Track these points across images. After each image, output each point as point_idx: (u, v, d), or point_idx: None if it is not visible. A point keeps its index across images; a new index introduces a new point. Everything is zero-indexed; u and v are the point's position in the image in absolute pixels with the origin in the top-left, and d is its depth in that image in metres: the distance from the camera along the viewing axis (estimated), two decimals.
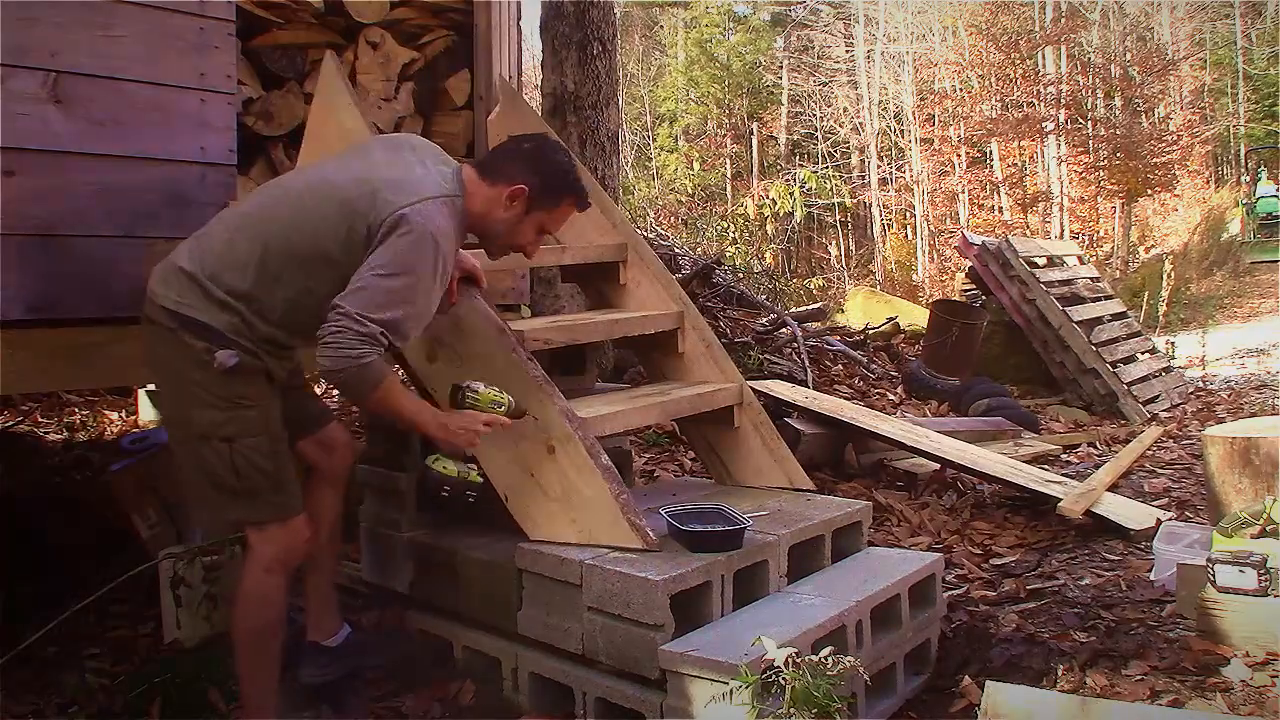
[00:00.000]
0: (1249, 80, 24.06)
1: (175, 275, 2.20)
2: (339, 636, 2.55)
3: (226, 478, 2.20)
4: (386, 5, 3.54)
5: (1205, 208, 18.94)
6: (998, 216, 20.02)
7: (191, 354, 2.16)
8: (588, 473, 2.42)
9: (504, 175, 2.32)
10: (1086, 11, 20.52)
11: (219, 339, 2.15)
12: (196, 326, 2.16)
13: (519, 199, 2.31)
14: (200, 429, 2.19)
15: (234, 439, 2.18)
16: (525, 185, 2.30)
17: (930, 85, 22.12)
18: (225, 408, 2.18)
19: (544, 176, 2.34)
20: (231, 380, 2.17)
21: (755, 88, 24.72)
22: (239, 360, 2.15)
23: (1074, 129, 19.53)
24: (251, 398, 2.20)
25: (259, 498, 2.23)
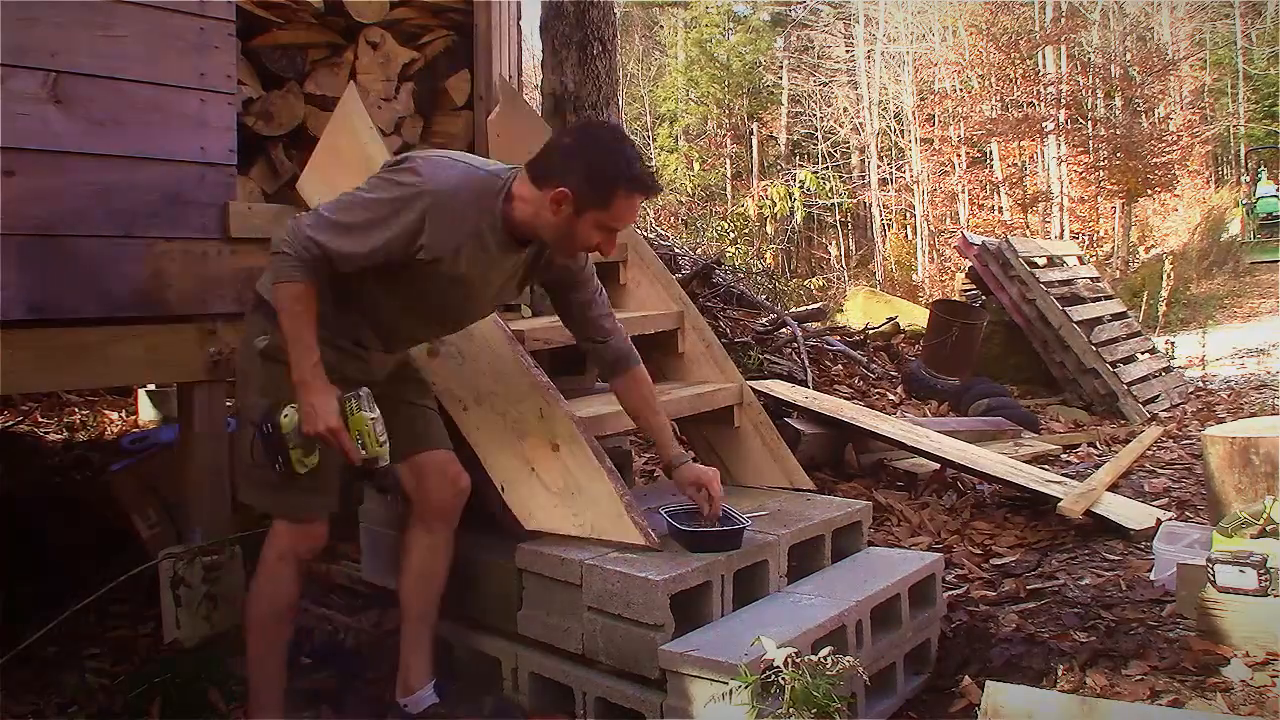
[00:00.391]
0: (1249, 80, 24.08)
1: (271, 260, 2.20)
2: (419, 698, 2.37)
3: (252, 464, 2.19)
4: (386, 5, 3.54)
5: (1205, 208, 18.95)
6: (998, 216, 20.03)
7: (251, 333, 2.20)
8: (593, 472, 2.43)
9: (547, 176, 2.09)
10: (1086, 11, 20.53)
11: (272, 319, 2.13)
12: (263, 305, 2.18)
13: (564, 202, 2.08)
14: (244, 410, 2.22)
15: None
16: (566, 188, 2.06)
17: (930, 85, 22.12)
18: (264, 393, 2.16)
19: (587, 173, 2.07)
20: (274, 366, 2.14)
21: (755, 88, 24.73)
22: (268, 344, 2.15)
23: (1074, 129, 19.54)
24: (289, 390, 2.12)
25: (283, 492, 2.20)
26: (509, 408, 2.56)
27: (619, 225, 2.16)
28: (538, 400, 2.52)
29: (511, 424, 2.55)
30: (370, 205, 2.08)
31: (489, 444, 2.58)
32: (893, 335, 8.16)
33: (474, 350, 2.62)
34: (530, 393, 2.53)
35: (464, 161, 2.19)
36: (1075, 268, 8.11)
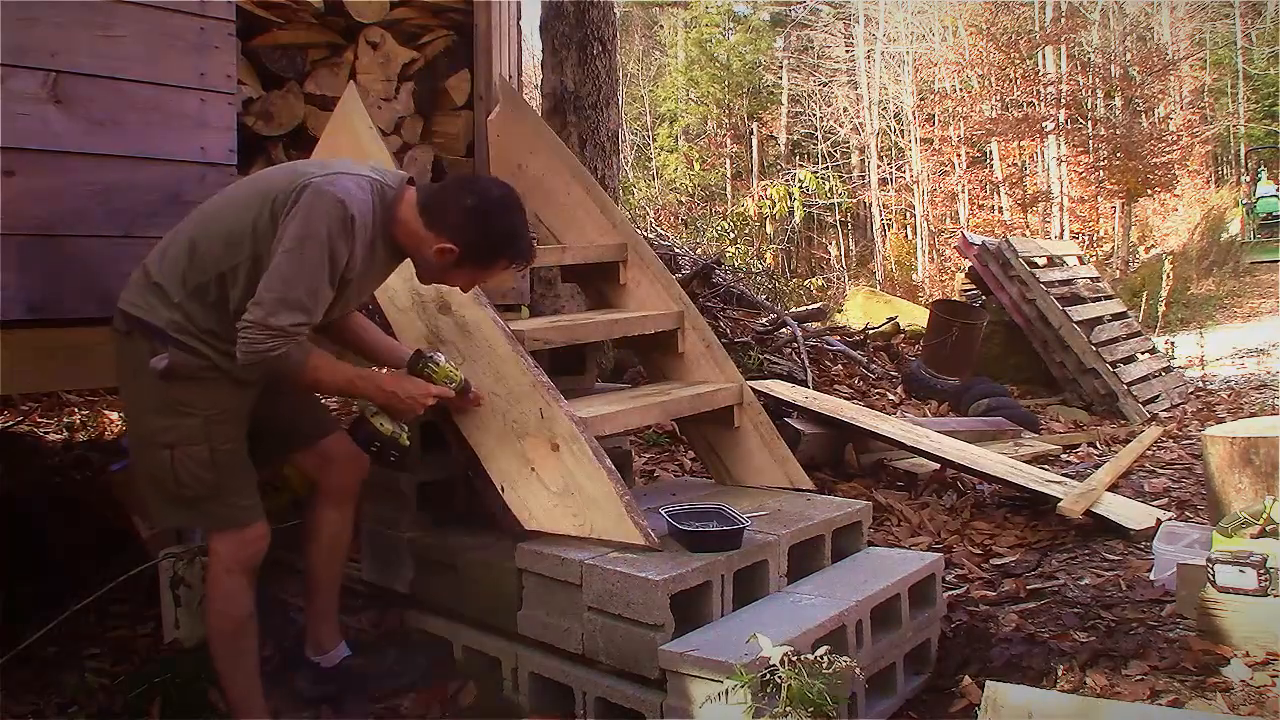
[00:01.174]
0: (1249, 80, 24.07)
1: (135, 278, 2.22)
2: (335, 655, 2.54)
3: (168, 485, 2.19)
4: (386, 5, 3.54)
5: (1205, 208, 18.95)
6: (998, 216, 20.02)
7: (139, 356, 2.16)
8: (593, 472, 2.43)
9: (439, 224, 2.23)
10: (1086, 11, 20.52)
11: (162, 339, 2.14)
12: (143, 327, 2.16)
13: (448, 255, 2.24)
14: (146, 435, 2.20)
15: (174, 446, 2.16)
16: (455, 247, 2.22)
17: (930, 85, 22.11)
18: (166, 414, 2.16)
19: (477, 241, 2.24)
20: (171, 385, 2.15)
21: (755, 88, 24.73)
22: (169, 363, 2.13)
23: (1074, 129, 19.52)
24: (194, 404, 2.17)
25: (200, 506, 2.21)
26: (509, 407, 2.56)
27: (486, 282, 2.42)
28: (538, 400, 2.52)
29: (511, 424, 2.55)
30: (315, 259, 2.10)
31: (489, 444, 2.58)
32: (893, 335, 8.17)
33: (474, 351, 2.62)
34: (530, 392, 2.53)
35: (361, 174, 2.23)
36: (1075, 268, 8.11)
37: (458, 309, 2.68)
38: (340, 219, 2.11)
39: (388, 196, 2.24)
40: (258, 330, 2.07)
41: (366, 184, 2.20)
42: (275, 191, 2.15)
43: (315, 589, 2.54)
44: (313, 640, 2.55)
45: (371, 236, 2.21)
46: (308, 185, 2.13)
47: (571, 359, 3.20)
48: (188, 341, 2.15)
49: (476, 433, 2.60)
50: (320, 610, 2.55)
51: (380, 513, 2.86)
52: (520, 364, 2.56)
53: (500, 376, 2.58)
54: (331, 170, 2.21)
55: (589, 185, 3.32)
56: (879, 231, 21.77)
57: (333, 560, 2.53)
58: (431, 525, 2.81)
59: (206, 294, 2.15)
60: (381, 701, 2.51)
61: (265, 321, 2.07)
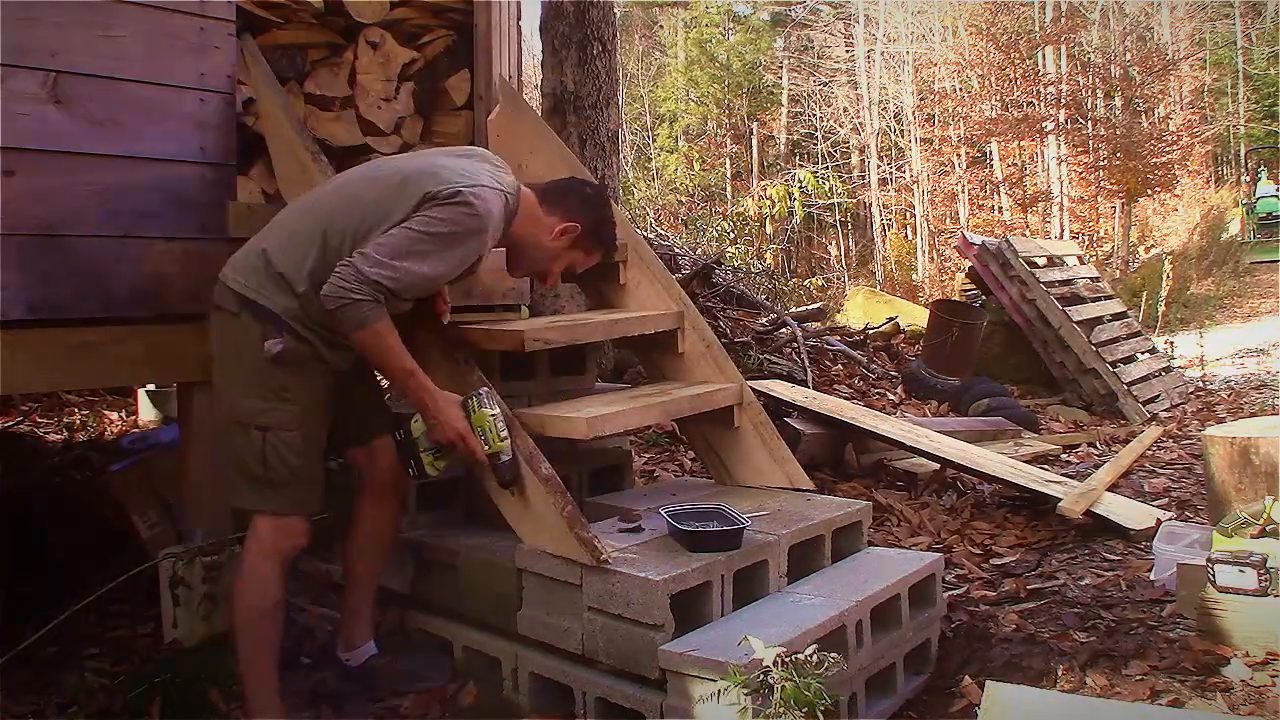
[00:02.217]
0: (1249, 80, 24.08)
1: (245, 257, 2.27)
2: (362, 653, 2.55)
3: (253, 466, 2.23)
4: (386, 5, 3.54)
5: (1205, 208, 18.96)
6: (998, 216, 20.02)
7: (248, 338, 2.21)
8: (532, 484, 2.38)
9: (562, 208, 2.47)
10: (1086, 11, 20.53)
11: (276, 324, 2.20)
12: (258, 310, 2.21)
13: (569, 235, 2.47)
14: (241, 414, 2.24)
15: (269, 429, 2.22)
16: (579, 225, 2.47)
17: (930, 85, 22.11)
18: (267, 397, 2.22)
19: (597, 225, 2.52)
20: (277, 370, 2.21)
21: (755, 88, 24.73)
22: (283, 348, 2.19)
23: (1074, 129, 19.52)
24: (295, 391, 2.23)
25: (277, 490, 2.25)
26: None
27: (579, 270, 2.64)
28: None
29: None
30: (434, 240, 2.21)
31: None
32: (893, 335, 8.17)
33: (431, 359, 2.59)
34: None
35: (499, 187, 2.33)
36: (1075, 268, 8.11)
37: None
38: (478, 232, 2.26)
39: (510, 206, 2.38)
40: (351, 273, 2.13)
41: (502, 200, 2.33)
42: (420, 189, 2.23)
43: (353, 583, 2.56)
44: (344, 636, 2.57)
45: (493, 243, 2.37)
46: (459, 192, 2.22)
47: (571, 359, 3.20)
48: (301, 331, 2.22)
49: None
50: (354, 606, 2.57)
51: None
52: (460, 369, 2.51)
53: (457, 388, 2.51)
54: (478, 181, 2.28)
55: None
56: (879, 231, 21.77)
57: (370, 556, 2.56)
58: (431, 525, 2.81)
59: None
60: (382, 701, 2.51)
61: (363, 268, 2.13)
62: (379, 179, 2.33)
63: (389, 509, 2.55)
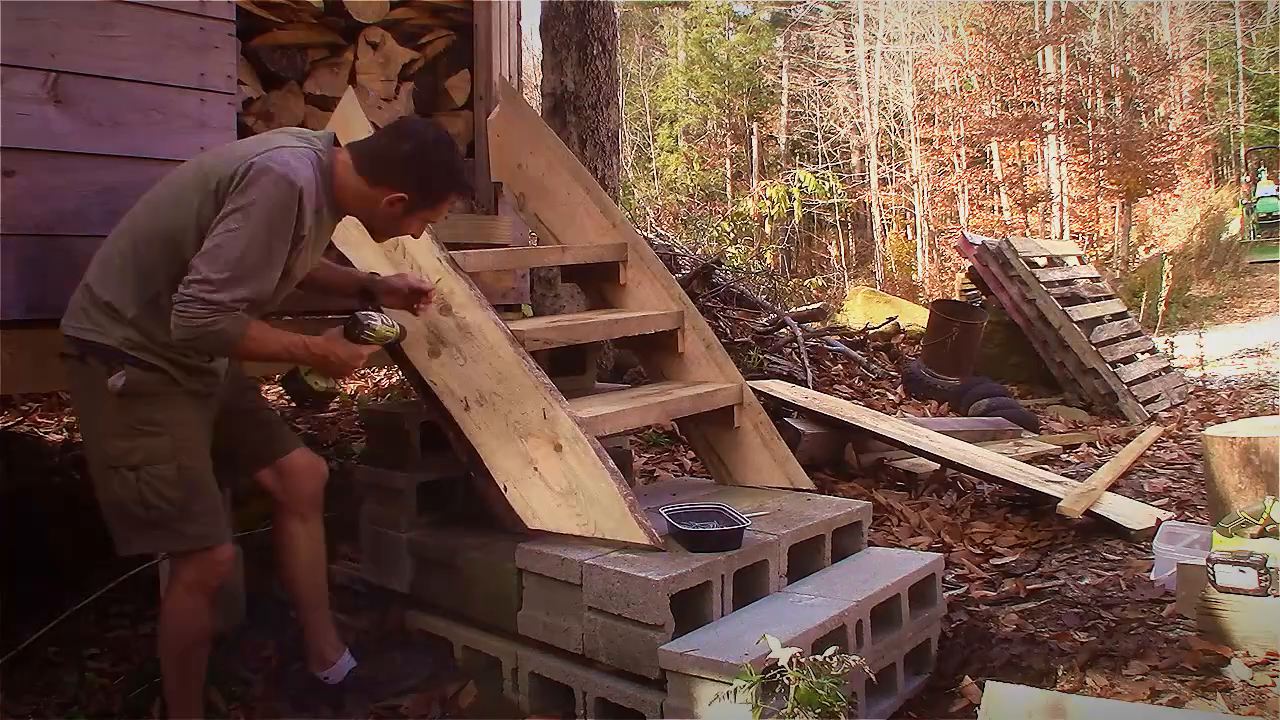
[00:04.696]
0: (1249, 80, 24.07)
1: (78, 299, 2.16)
2: (341, 668, 2.52)
3: (133, 508, 2.14)
4: (386, 5, 3.54)
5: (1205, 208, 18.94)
6: (998, 216, 20.01)
7: (97, 381, 2.10)
8: (596, 473, 2.44)
9: (383, 177, 2.25)
10: (1086, 11, 20.52)
11: (119, 358, 2.09)
12: (98, 350, 2.10)
13: (401, 205, 2.27)
14: (109, 459, 2.14)
15: (139, 467, 2.12)
16: (405, 195, 2.25)
17: (930, 85, 22.11)
18: (129, 435, 2.12)
19: (424, 182, 2.28)
20: (133, 405, 2.11)
21: (755, 88, 24.73)
22: (126, 380, 2.09)
23: (1074, 129, 19.51)
24: (158, 423, 2.13)
25: (165, 528, 2.16)
26: (511, 408, 2.56)
27: (437, 220, 2.43)
28: (540, 401, 2.52)
29: (514, 424, 2.55)
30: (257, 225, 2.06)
31: (491, 443, 2.58)
32: (893, 335, 8.16)
33: (475, 351, 2.63)
34: (533, 393, 2.54)
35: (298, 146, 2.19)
36: (1075, 268, 8.10)
37: (458, 310, 2.69)
38: (288, 195, 2.08)
39: (324, 162, 2.22)
40: (197, 305, 2.01)
41: (306, 155, 2.17)
42: (215, 176, 2.10)
43: (304, 605, 2.50)
44: (315, 656, 2.52)
45: (318, 204, 2.19)
46: (252, 164, 2.08)
47: (571, 359, 3.20)
48: (145, 358, 2.11)
49: (478, 432, 2.61)
50: (315, 625, 2.51)
51: (380, 513, 2.86)
52: (523, 365, 2.57)
53: (502, 378, 2.59)
54: (270, 145, 2.16)
55: (589, 185, 3.32)
56: (879, 231, 21.77)
57: (314, 573, 2.50)
58: (431, 525, 2.81)
59: (159, 304, 2.09)
60: (382, 701, 2.51)
61: (205, 296, 2.01)
62: (176, 176, 2.21)
63: (314, 524, 2.48)
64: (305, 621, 2.52)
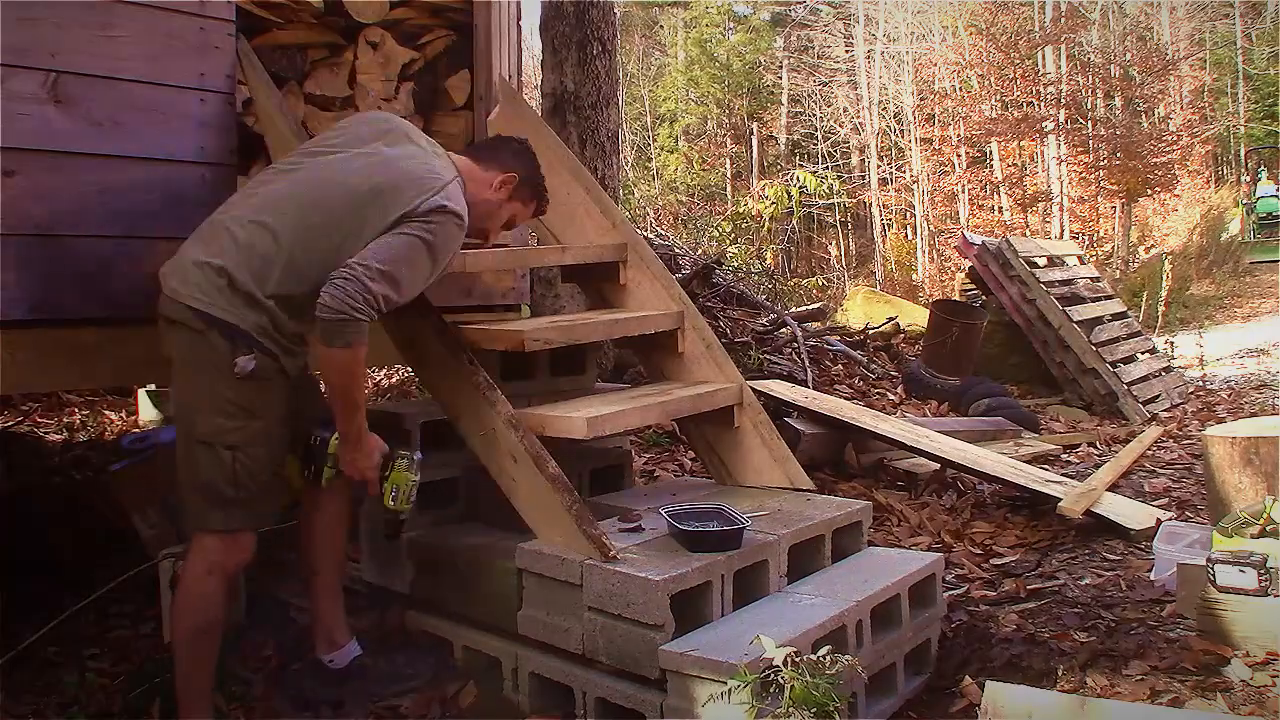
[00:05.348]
0: (1249, 80, 24.07)
1: (198, 271, 2.18)
2: (347, 653, 2.52)
3: (223, 487, 2.18)
4: (386, 5, 3.54)
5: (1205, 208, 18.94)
6: (998, 216, 20.02)
7: (215, 357, 2.15)
8: (541, 484, 2.41)
9: (497, 162, 2.53)
10: (1086, 11, 20.52)
11: (245, 341, 2.15)
12: (224, 327, 2.15)
13: (509, 185, 2.53)
14: (205, 434, 2.18)
15: (238, 447, 2.17)
16: (516, 174, 2.53)
17: (930, 85, 22.11)
18: (235, 415, 2.17)
19: (531, 173, 2.59)
20: (247, 387, 2.16)
21: (755, 88, 24.74)
22: (256, 365, 2.15)
23: (1074, 129, 19.52)
24: (263, 407, 2.20)
25: (246, 508, 2.22)
26: (477, 419, 2.54)
27: (517, 224, 2.74)
28: (483, 410, 2.49)
29: (483, 437, 2.54)
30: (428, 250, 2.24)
31: (484, 459, 2.58)
32: (893, 335, 8.16)
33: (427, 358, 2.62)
34: (479, 402, 2.50)
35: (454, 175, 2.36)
36: (1075, 268, 8.10)
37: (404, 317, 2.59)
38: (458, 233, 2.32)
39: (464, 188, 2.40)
40: (356, 286, 2.10)
41: (460, 187, 2.37)
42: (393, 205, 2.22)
43: (323, 583, 2.53)
44: (324, 637, 2.53)
45: None
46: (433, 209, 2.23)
47: (571, 359, 3.20)
48: (269, 346, 2.18)
49: (469, 439, 2.61)
50: (327, 607, 2.54)
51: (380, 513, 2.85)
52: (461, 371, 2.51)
53: (460, 389, 2.55)
54: (444, 181, 2.30)
55: (589, 185, 3.31)
56: (879, 231, 21.77)
57: (336, 552, 2.55)
58: (431, 525, 2.81)
59: (298, 300, 2.17)
60: (381, 701, 2.51)
61: (367, 280, 2.11)
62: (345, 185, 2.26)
63: (343, 506, 2.53)
64: (318, 600, 2.54)
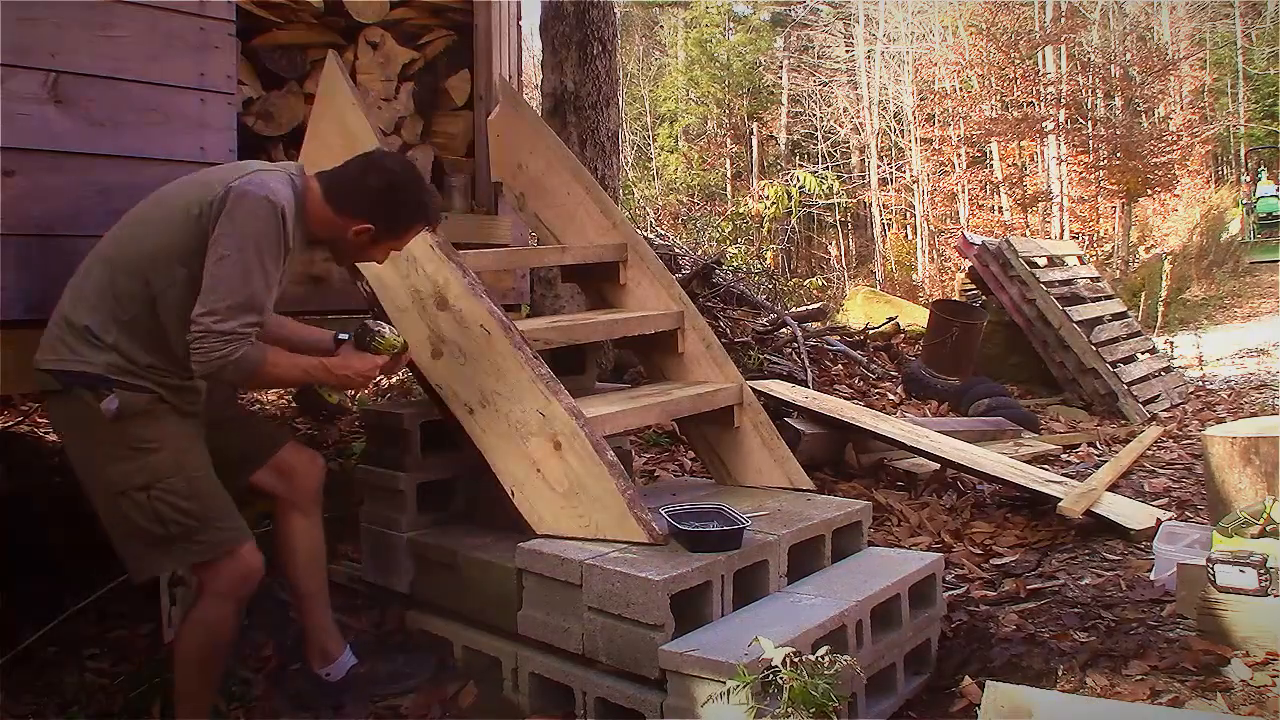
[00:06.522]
0: (1249, 80, 24.06)
1: (52, 333, 2.17)
2: (342, 664, 2.52)
3: (153, 528, 2.15)
4: (386, 5, 3.54)
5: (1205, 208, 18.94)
6: (998, 216, 20.02)
7: (85, 409, 2.12)
8: (594, 468, 2.43)
9: (350, 207, 2.29)
10: (1086, 11, 20.52)
11: (104, 384, 2.11)
12: (82, 379, 2.12)
13: (366, 235, 2.32)
14: (115, 485, 2.15)
15: (149, 486, 2.13)
16: (371, 227, 2.30)
17: (930, 85, 22.11)
18: (130, 456, 2.13)
19: (390, 217, 2.33)
20: (128, 426, 2.12)
21: (755, 88, 24.73)
22: (119, 403, 2.10)
23: (1074, 129, 19.52)
24: (155, 439, 2.15)
25: (189, 540, 2.17)
26: (511, 407, 2.55)
27: (401, 249, 2.46)
28: (537, 397, 2.50)
29: (515, 425, 2.55)
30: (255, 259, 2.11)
31: (496, 448, 2.58)
32: (893, 335, 8.16)
33: (474, 347, 2.60)
34: (530, 389, 2.52)
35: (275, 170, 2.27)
36: (1075, 268, 8.10)
37: (454, 302, 2.63)
38: (272, 215, 2.13)
39: (298, 187, 2.27)
40: (212, 338, 2.06)
41: (283, 178, 2.23)
42: (195, 205, 2.14)
43: (306, 600, 2.51)
44: (317, 652, 2.52)
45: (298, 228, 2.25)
46: (229, 190, 2.12)
47: (571, 359, 3.20)
48: (130, 381, 2.13)
49: (483, 436, 2.60)
50: (317, 621, 2.52)
51: (380, 513, 2.86)
52: (518, 358, 2.53)
53: (501, 374, 2.56)
54: (246, 171, 2.21)
55: (589, 185, 3.32)
56: (879, 231, 21.77)
57: (315, 567, 2.52)
58: (431, 525, 2.81)
59: (138, 327, 2.13)
60: (382, 701, 2.51)
61: (217, 328, 2.06)
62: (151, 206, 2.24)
63: (315, 516, 2.51)
64: (307, 617, 2.53)
